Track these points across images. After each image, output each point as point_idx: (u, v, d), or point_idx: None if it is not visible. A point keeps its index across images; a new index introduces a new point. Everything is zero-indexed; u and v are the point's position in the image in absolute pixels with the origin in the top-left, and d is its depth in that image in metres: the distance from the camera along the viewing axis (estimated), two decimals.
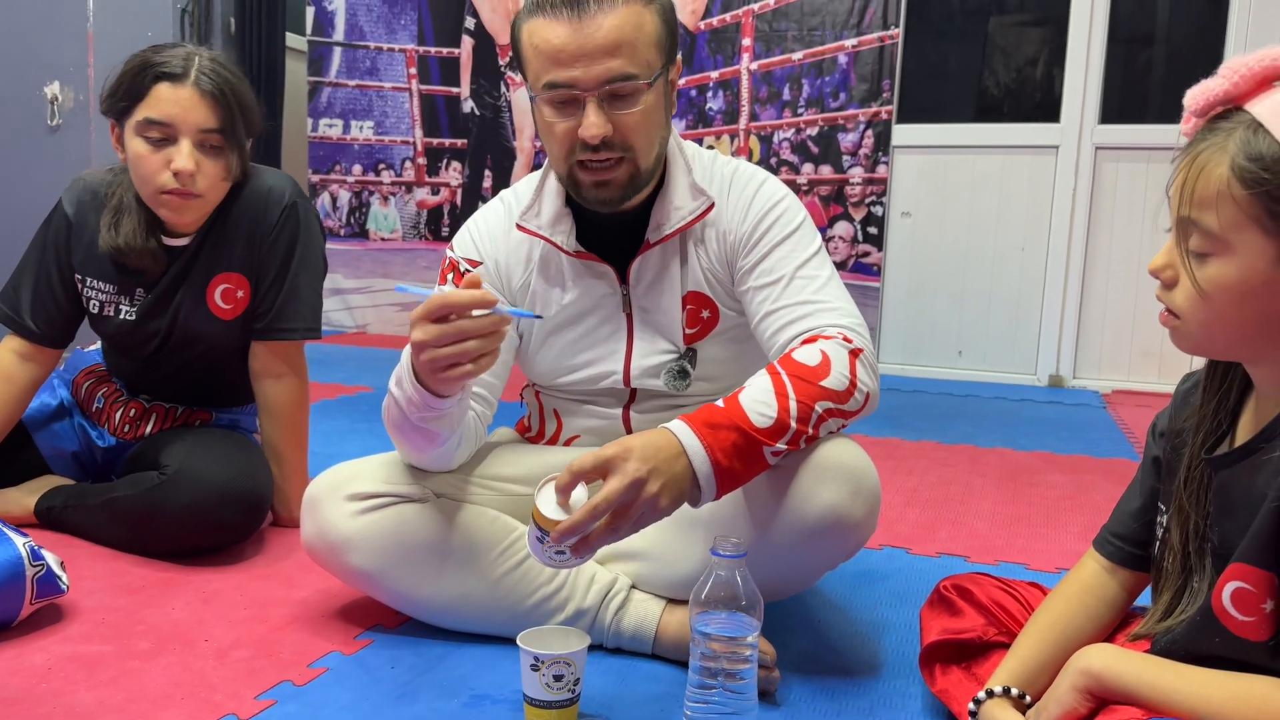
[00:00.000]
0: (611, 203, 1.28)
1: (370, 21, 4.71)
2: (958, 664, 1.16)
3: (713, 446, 1.10)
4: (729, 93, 4.18)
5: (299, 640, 1.34)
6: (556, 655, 1.09)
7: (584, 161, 1.25)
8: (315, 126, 4.85)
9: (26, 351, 1.74)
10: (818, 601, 1.54)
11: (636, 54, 1.21)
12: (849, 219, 4.08)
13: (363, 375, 3.61)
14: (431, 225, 4.76)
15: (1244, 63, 0.84)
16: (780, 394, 1.14)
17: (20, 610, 1.31)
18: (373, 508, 1.29)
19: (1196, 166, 0.84)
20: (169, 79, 1.58)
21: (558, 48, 1.20)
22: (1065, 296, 3.93)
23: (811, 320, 1.24)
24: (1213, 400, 0.96)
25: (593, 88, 1.20)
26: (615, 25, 1.19)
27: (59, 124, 3.56)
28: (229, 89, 1.62)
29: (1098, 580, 1.08)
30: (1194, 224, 0.85)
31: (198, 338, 1.73)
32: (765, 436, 1.12)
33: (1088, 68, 3.84)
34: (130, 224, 1.67)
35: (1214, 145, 0.83)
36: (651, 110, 1.25)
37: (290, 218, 1.73)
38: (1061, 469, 2.53)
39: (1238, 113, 0.84)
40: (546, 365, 1.41)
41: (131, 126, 1.60)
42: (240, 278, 1.73)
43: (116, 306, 1.73)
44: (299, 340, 1.77)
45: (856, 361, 1.19)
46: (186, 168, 1.58)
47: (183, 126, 1.59)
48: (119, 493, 1.64)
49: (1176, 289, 0.88)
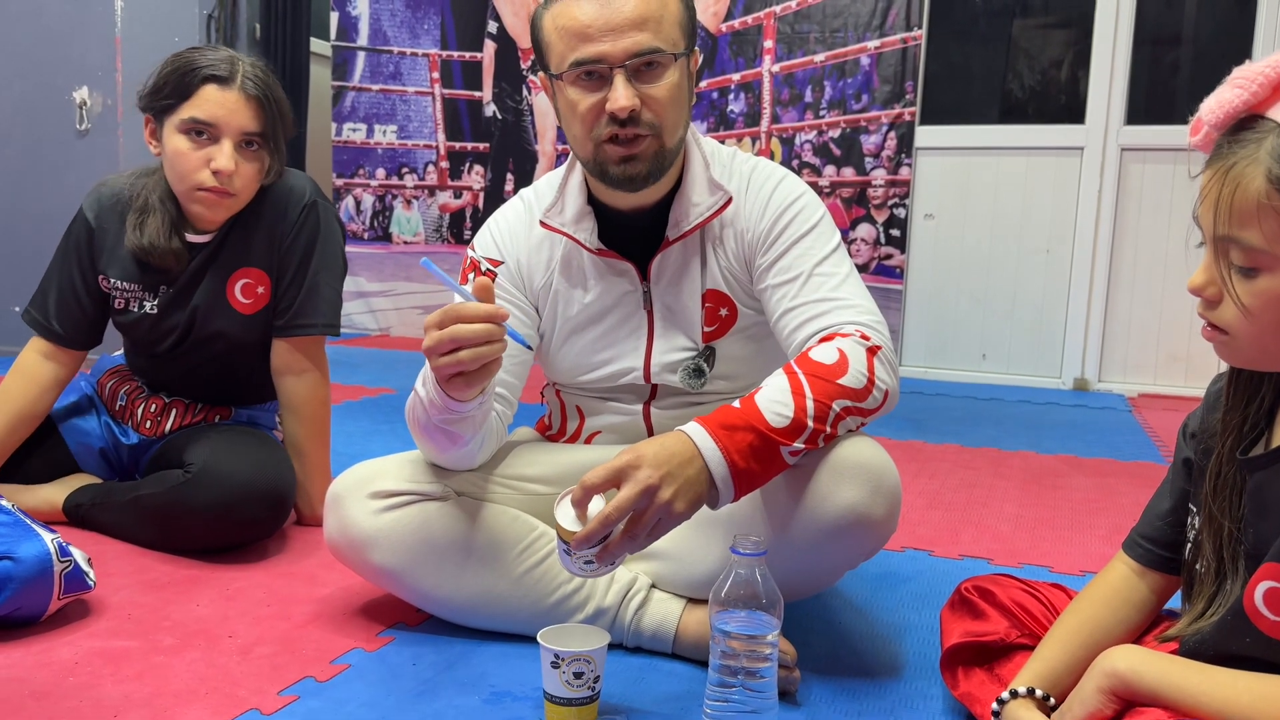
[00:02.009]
0: (638, 179, 1.27)
1: (394, 26, 4.75)
2: (980, 666, 1.16)
3: (729, 448, 1.10)
4: (750, 95, 4.18)
5: (321, 637, 1.35)
6: (577, 653, 1.10)
7: (611, 138, 1.25)
8: (339, 131, 4.89)
9: (49, 351, 1.78)
10: (839, 603, 1.53)
11: (662, 29, 1.23)
12: (871, 221, 4.06)
13: (386, 377, 3.63)
14: (454, 228, 4.79)
15: (1259, 71, 0.81)
16: (797, 393, 1.14)
17: (48, 605, 1.33)
18: (395, 505, 1.30)
19: (1230, 181, 0.81)
20: (217, 81, 1.63)
21: (585, 24, 1.21)
22: (1090, 299, 3.90)
23: (829, 318, 1.24)
24: (1242, 403, 0.95)
25: (620, 60, 1.22)
26: (640, 1, 1.22)
27: (88, 128, 3.61)
28: (271, 94, 1.68)
29: (1127, 583, 1.06)
30: (1234, 240, 0.82)
31: (217, 332, 1.76)
32: (782, 436, 1.12)
33: (1113, 69, 3.81)
34: (155, 223, 1.71)
35: (1245, 158, 0.80)
36: (677, 87, 1.26)
37: (310, 216, 1.76)
38: (1086, 472, 2.51)
39: (1260, 121, 0.81)
40: (568, 364, 1.41)
41: (174, 124, 1.64)
42: (261, 273, 1.76)
43: (140, 302, 1.77)
44: (319, 335, 1.79)
45: (874, 359, 1.18)
46: (227, 167, 1.63)
47: (226, 128, 1.64)
48: (145, 490, 1.66)
49: (1221, 306, 0.85)
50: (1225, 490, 0.94)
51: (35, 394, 1.76)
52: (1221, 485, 0.94)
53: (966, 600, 1.21)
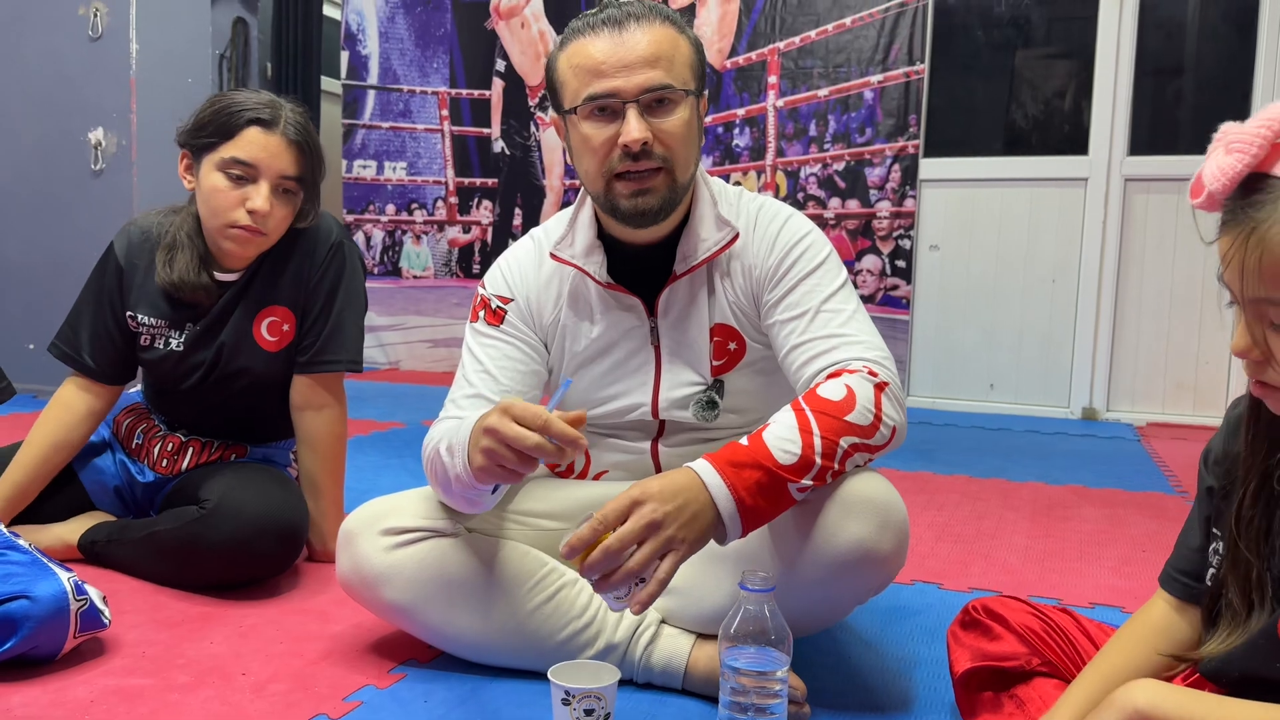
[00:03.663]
0: (650, 213, 1.30)
1: (403, 65, 4.82)
2: (997, 690, 1.15)
3: (736, 485, 1.11)
4: (755, 129, 4.22)
5: (334, 674, 1.35)
6: (587, 689, 1.10)
7: (622, 173, 1.28)
8: (350, 168, 4.95)
9: (84, 384, 1.82)
10: (848, 637, 1.53)
11: (674, 68, 1.27)
12: (877, 252, 4.09)
13: (396, 412, 3.65)
14: (463, 263, 4.83)
15: (1255, 131, 0.80)
16: (804, 430, 1.15)
17: (64, 644, 1.34)
18: (406, 542, 1.31)
19: (1254, 246, 0.79)
20: (261, 124, 1.67)
21: (600, 60, 1.25)
22: (1097, 329, 3.91)
23: (836, 354, 1.25)
24: (1264, 447, 0.94)
25: (633, 95, 1.25)
26: (654, 40, 1.26)
27: (102, 169, 3.66)
28: (311, 140, 1.73)
29: (1167, 620, 1.03)
30: (1269, 301, 0.81)
31: (241, 369, 1.79)
32: (790, 473, 1.13)
33: (1115, 100, 3.84)
34: (184, 260, 1.74)
35: (1264, 220, 0.79)
36: (688, 124, 1.29)
37: (337, 255, 1.80)
38: (1095, 503, 2.51)
39: (1268, 180, 0.80)
40: (576, 399, 1.43)
41: (213, 161, 1.68)
42: (287, 311, 1.79)
43: (166, 339, 1.80)
44: (342, 372, 1.82)
45: (882, 395, 1.20)
46: (263, 209, 1.67)
47: (266, 170, 1.67)
48: (160, 527, 1.67)
49: (1270, 366, 0.83)
50: (1251, 532, 0.93)
51: (72, 422, 1.79)
52: (1247, 527, 0.94)
53: (979, 622, 1.20)
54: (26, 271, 3.70)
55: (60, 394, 1.82)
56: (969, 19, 4.12)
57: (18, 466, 1.75)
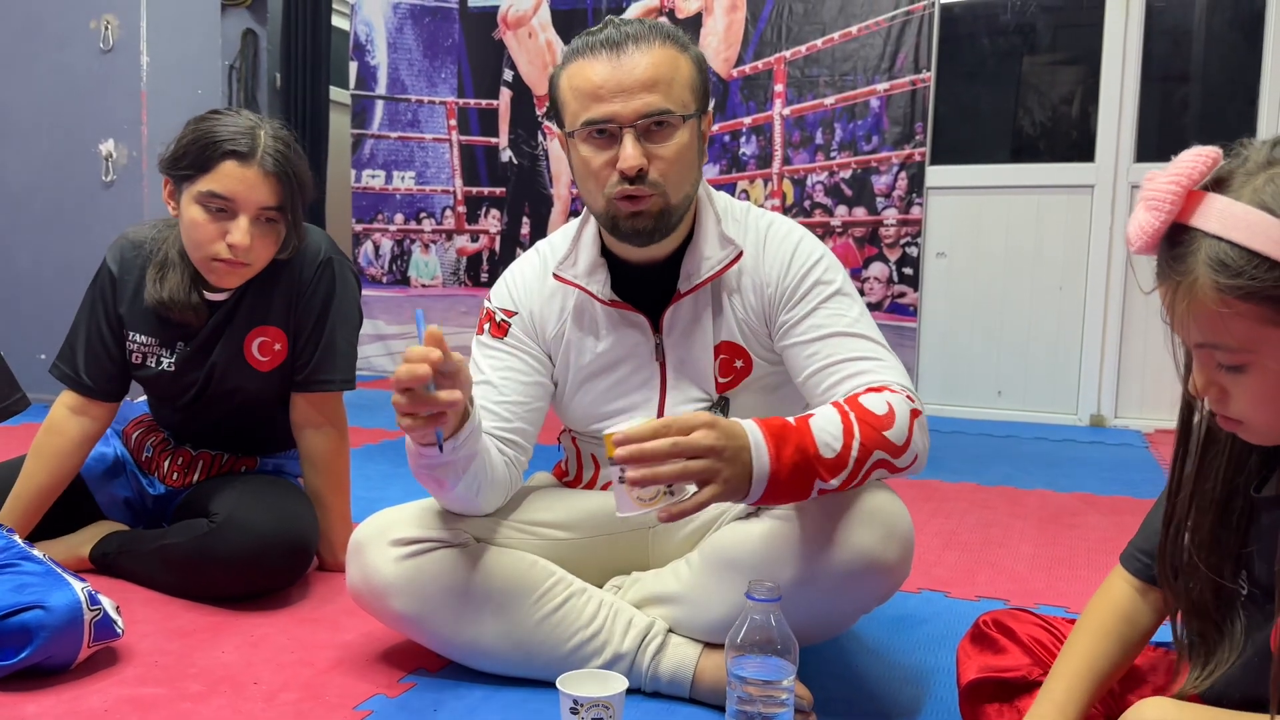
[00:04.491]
0: (646, 233, 1.31)
1: (412, 75, 4.84)
2: (1001, 701, 1.16)
3: (777, 456, 1.13)
4: (762, 138, 4.23)
5: (345, 683, 1.37)
6: (595, 698, 1.11)
7: (618, 195, 1.29)
8: (359, 177, 4.97)
9: (79, 406, 1.78)
10: (855, 646, 1.54)
11: (672, 91, 1.27)
12: (884, 260, 4.09)
13: None
14: (471, 271, 4.85)
15: (1165, 188, 0.82)
16: (848, 431, 1.16)
17: (79, 653, 1.35)
18: (415, 553, 1.33)
19: (1183, 297, 0.82)
20: (236, 157, 1.61)
21: (597, 84, 1.26)
22: (1105, 335, 3.90)
23: (872, 376, 1.26)
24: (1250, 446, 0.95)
25: (630, 120, 1.25)
26: (652, 63, 1.26)
27: (113, 180, 3.69)
28: (291, 169, 1.66)
29: (1130, 605, 1.05)
30: (1213, 346, 0.83)
31: (234, 389, 1.78)
32: (823, 468, 1.15)
33: (1121, 107, 3.85)
34: (174, 279, 1.73)
35: (1188, 274, 0.81)
36: (685, 148, 1.29)
37: (326, 273, 1.78)
38: (1103, 510, 2.51)
39: (1185, 232, 0.82)
40: (580, 412, 1.44)
41: (192, 194, 1.64)
42: (278, 331, 1.78)
43: (157, 358, 1.79)
44: (336, 391, 1.81)
45: (915, 422, 1.21)
46: (242, 243, 1.63)
47: (244, 204, 1.63)
48: (170, 540, 1.69)
49: (1230, 401, 0.86)
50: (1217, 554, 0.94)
51: (64, 449, 1.76)
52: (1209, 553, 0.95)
53: (986, 636, 1.21)
54: (38, 282, 3.73)
55: (52, 419, 1.78)
56: (975, 27, 4.13)
57: (18, 501, 1.73)
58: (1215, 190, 0.82)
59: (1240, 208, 0.79)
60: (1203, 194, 0.82)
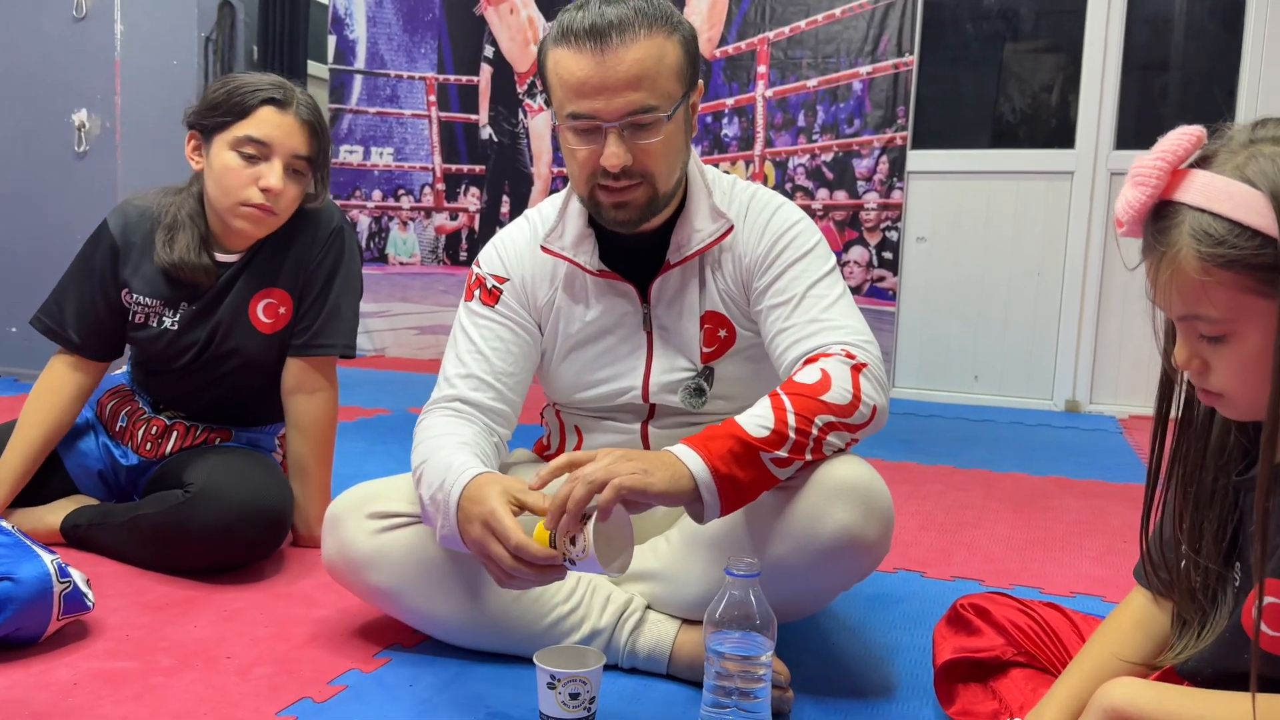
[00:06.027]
0: (629, 224, 1.31)
1: (391, 50, 4.79)
2: (976, 681, 1.16)
3: (711, 453, 1.12)
4: (744, 119, 4.22)
5: (319, 658, 1.36)
6: (573, 673, 1.11)
7: (604, 185, 1.28)
8: (336, 153, 4.92)
9: (71, 361, 1.81)
10: (832, 624, 1.55)
11: (657, 86, 1.24)
12: (864, 244, 4.10)
13: (381, 398, 3.64)
14: (450, 250, 4.81)
15: (1152, 164, 0.85)
16: (778, 409, 1.16)
17: (47, 626, 1.33)
18: (393, 526, 1.32)
19: (1166, 268, 0.85)
20: (275, 104, 1.69)
21: (581, 80, 1.23)
22: (1081, 322, 3.93)
23: (816, 339, 1.26)
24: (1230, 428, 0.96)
25: (614, 119, 1.23)
26: (637, 59, 1.22)
27: (86, 151, 3.62)
28: (322, 122, 1.75)
29: (1145, 614, 1.05)
30: (1195, 317, 0.86)
31: (234, 350, 1.79)
32: (763, 444, 1.14)
33: (1102, 94, 3.86)
34: (184, 240, 1.74)
35: (1172, 245, 0.84)
36: (671, 139, 1.28)
37: (336, 240, 1.81)
38: (1077, 494, 2.53)
39: (1170, 207, 0.85)
40: (567, 380, 1.43)
41: (226, 140, 1.68)
42: (284, 294, 1.80)
43: (160, 318, 1.79)
44: (336, 356, 1.83)
45: (860, 376, 1.20)
46: (276, 186, 1.68)
47: (279, 149, 1.68)
48: (144, 510, 1.67)
49: (1210, 374, 0.88)
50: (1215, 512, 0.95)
51: (62, 404, 1.79)
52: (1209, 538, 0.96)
53: (962, 617, 1.22)
54: (8, 254, 3.67)
55: (47, 375, 1.81)
56: (958, 11, 4.13)
57: (15, 452, 1.74)
58: (1199, 168, 0.85)
59: (1222, 180, 0.82)
60: (1187, 171, 0.85)
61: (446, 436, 1.28)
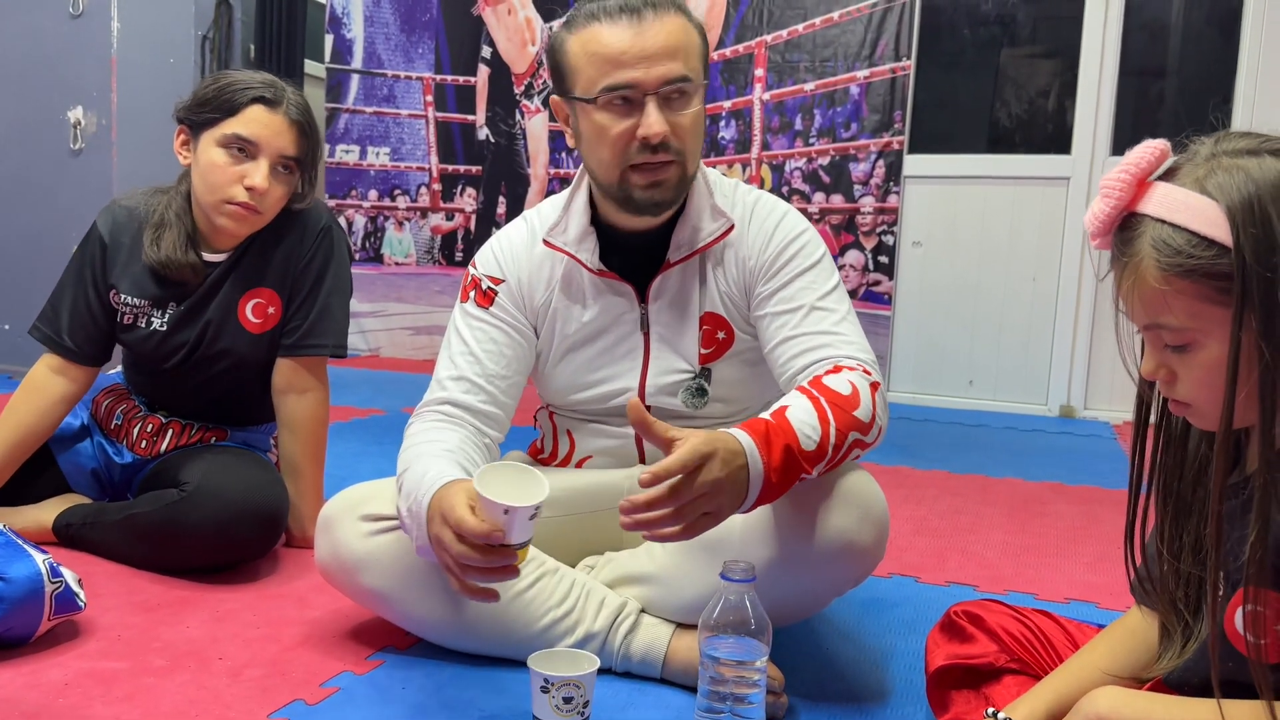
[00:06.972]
0: (664, 204, 1.32)
1: (388, 50, 4.78)
2: (969, 688, 1.16)
3: (769, 464, 1.11)
4: (741, 122, 4.22)
5: (311, 660, 1.35)
6: (566, 677, 1.10)
7: (638, 165, 1.28)
8: (332, 152, 4.91)
9: (59, 367, 1.79)
10: (826, 629, 1.54)
11: (690, 59, 1.27)
12: (860, 248, 4.10)
13: (376, 398, 3.64)
14: (445, 250, 4.81)
15: (1118, 177, 0.88)
16: (823, 420, 1.16)
17: (39, 626, 1.33)
18: (386, 529, 1.31)
19: (1129, 277, 0.88)
20: (265, 103, 1.68)
21: (620, 50, 1.24)
22: (1076, 327, 3.93)
23: (830, 350, 1.26)
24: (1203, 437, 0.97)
25: (654, 87, 1.25)
26: (671, 31, 1.25)
27: (81, 148, 3.61)
28: (312, 122, 1.74)
29: (1141, 624, 1.06)
30: (1159, 326, 0.88)
31: (223, 351, 1.78)
32: (807, 461, 1.14)
33: (1099, 100, 3.87)
34: (171, 238, 1.74)
35: (1134, 255, 0.87)
36: (700, 116, 1.30)
37: (325, 240, 1.81)
38: (1071, 500, 2.53)
39: (1134, 218, 0.88)
40: (562, 382, 1.43)
41: (214, 137, 1.68)
42: (273, 294, 1.79)
43: (148, 319, 1.78)
44: (327, 356, 1.82)
45: (876, 395, 1.22)
46: (261, 185, 1.67)
47: (266, 148, 1.68)
48: (138, 509, 1.66)
49: (1177, 384, 0.91)
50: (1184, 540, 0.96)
51: (44, 407, 1.77)
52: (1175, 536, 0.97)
53: (955, 624, 1.22)
54: (4, 252, 3.65)
55: (32, 377, 1.79)
56: (955, 16, 4.13)
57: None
58: (1165, 180, 0.88)
59: (1181, 193, 0.85)
60: (1151, 183, 0.88)
61: (429, 444, 1.28)
